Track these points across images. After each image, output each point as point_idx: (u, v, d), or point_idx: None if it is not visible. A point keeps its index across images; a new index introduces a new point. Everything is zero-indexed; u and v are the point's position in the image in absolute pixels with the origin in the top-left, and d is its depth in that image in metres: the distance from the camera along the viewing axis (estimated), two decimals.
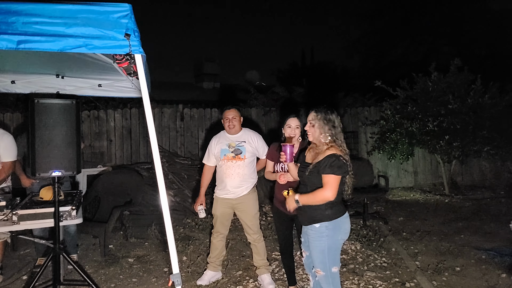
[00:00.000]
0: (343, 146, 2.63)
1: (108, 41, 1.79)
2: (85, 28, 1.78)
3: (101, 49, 1.79)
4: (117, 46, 1.80)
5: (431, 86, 7.38)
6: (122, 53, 1.82)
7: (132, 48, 1.80)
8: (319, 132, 2.63)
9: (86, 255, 4.61)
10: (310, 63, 17.49)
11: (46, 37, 1.74)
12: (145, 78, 2.93)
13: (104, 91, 4.30)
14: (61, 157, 3.02)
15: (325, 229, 2.60)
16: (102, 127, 7.45)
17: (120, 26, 1.80)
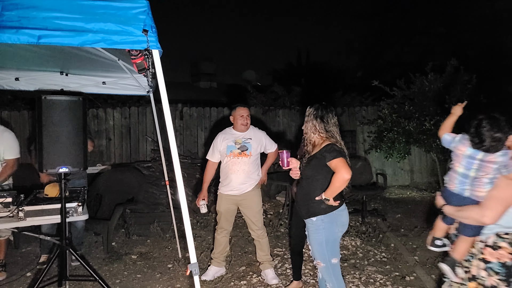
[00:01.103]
0: (338, 139, 2.74)
1: (126, 37, 1.83)
2: (104, 24, 1.82)
3: (120, 44, 1.83)
4: (135, 41, 1.84)
5: (428, 86, 7.48)
6: (140, 48, 1.86)
7: (150, 43, 1.85)
8: (314, 128, 2.75)
9: (89, 252, 4.63)
10: (306, 63, 17.58)
11: (66, 32, 1.78)
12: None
13: (108, 88, 4.34)
14: (68, 154, 3.05)
15: (321, 222, 2.69)
16: (101, 125, 7.46)
17: (138, 22, 1.84)
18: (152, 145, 7.55)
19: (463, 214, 1.95)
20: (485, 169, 1.92)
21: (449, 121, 2.30)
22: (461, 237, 2.01)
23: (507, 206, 1.87)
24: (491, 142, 1.89)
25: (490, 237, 1.96)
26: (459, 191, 2.00)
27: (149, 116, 7.70)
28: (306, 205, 2.77)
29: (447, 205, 2.06)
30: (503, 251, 1.93)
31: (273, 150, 3.92)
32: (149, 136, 7.65)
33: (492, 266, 1.94)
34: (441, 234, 2.23)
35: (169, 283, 3.84)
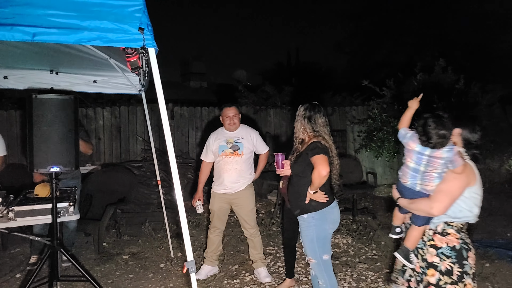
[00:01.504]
0: (326, 138, 2.81)
1: (122, 35, 1.82)
2: (99, 21, 1.81)
3: (115, 42, 1.82)
4: (131, 39, 1.83)
5: (417, 86, 7.59)
6: (136, 46, 1.86)
7: (146, 42, 1.84)
8: (303, 128, 2.84)
9: (79, 253, 4.59)
10: (296, 63, 17.66)
11: (61, 30, 1.76)
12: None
13: (99, 87, 4.30)
14: (60, 153, 3.02)
15: (312, 219, 2.77)
16: (91, 125, 7.37)
17: (134, 20, 1.83)
18: (143, 145, 7.51)
19: (414, 206, 2.09)
20: (433, 164, 2.04)
21: (407, 115, 2.36)
22: (412, 227, 2.15)
23: (453, 199, 2.02)
24: (437, 139, 2.00)
25: (439, 225, 2.11)
26: (411, 185, 2.12)
27: (139, 116, 7.64)
28: (297, 203, 2.84)
29: (401, 198, 2.19)
30: (451, 237, 2.08)
31: (263, 152, 3.91)
32: (139, 135, 7.60)
33: (442, 251, 2.08)
34: (399, 223, 2.38)
35: (162, 282, 3.83)
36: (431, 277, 2.09)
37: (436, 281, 2.07)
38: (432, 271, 2.09)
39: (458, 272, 2.05)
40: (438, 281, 2.07)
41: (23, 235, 3.68)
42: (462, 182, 2.03)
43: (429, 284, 2.10)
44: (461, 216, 2.09)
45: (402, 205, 2.18)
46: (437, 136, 2.00)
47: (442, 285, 2.06)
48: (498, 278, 3.80)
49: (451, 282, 2.05)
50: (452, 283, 2.05)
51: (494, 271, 3.92)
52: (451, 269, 2.05)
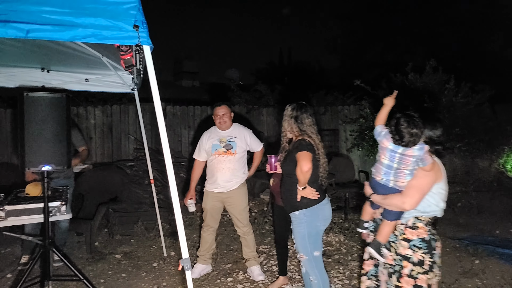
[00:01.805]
0: (313, 137, 2.87)
1: (117, 32, 1.81)
2: (94, 18, 1.80)
3: (110, 39, 1.82)
4: (126, 37, 1.83)
5: (408, 85, 7.67)
6: (131, 44, 1.85)
7: (141, 39, 1.84)
8: (290, 127, 2.91)
9: (71, 253, 4.55)
10: (288, 62, 17.70)
11: (55, 27, 1.75)
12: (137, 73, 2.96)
13: (91, 85, 4.27)
14: (51, 152, 2.99)
15: (303, 216, 2.83)
16: (82, 124, 7.31)
17: (129, 17, 1.83)
18: (135, 144, 7.47)
19: (387, 202, 2.18)
20: (405, 162, 2.14)
21: (383, 112, 2.43)
22: (384, 222, 2.23)
23: (423, 194, 2.13)
24: (409, 138, 2.10)
25: (410, 220, 2.21)
26: (384, 181, 2.21)
27: (131, 115, 7.60)
28: (289, 200, 2.91)
29: (374, 194, 2.27)
30: (420, 230, 2.19)
31: (258, 150, 3.94)
32: (131, 134, 7.56)
33: (414, 243, 2.18)
34: (368, 218, 2.45)
35: (155, 281, 3.82)
36: (404, 269, 2.19)
37: (409, 271, 2.17)
38: (405, 263, 2.19)
39: (429, 262, 2.16)
40: (410, 272, 2.17)
41: (14, 234, 3.65)
42: (431, 179, 2.15)
43: (402, 275, 2.19)
44: (430, 211, 2.20)
45: (375, 201, 2.25)
46: (409, 135, 2.09)
47: (414, 275, 2.17)
48: (487, 274, 3.87)
49: (423, 272, 2.16)
50: (424, 273, 2.16)
51: (483, 268, 3.99)
52: (422, 260, 2.16)
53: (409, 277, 2.16)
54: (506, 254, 4.32)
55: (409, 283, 2.15)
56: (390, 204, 2.16)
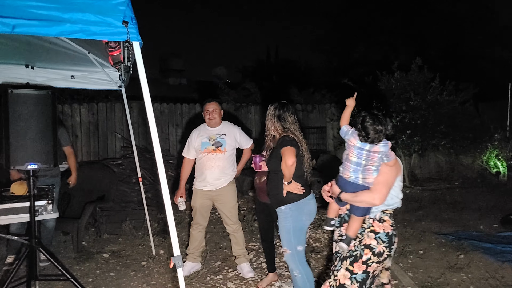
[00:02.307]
0: (296, 134, 2.98)
1: (106, 28, 1.79)
2: (82, 14, 1.77)
3: (99, 35, 1.79)
4: (115, 33, 1.81)
5: (394, 83, 7.77)
6: (120, 40, 1.83)
7: (130, 35, 1.82)
8: (273, 126, 3.00)
9: (58, 252, 4.49)
10: (275, 60, 17.73)
11: (42, 22, 1.71)
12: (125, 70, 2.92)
13: (78, 82, 4.21)
14: (37, 150, 2.95)
15: (289, 211, 2.91)
16: (67, 122, 7.20)
17: (118, 13, 1.80)
18: (122, 142, 7.39)
19: (358, 199, 2.26)
20: (372, 158, 2.22)
21: (346, 112, 2.49)
22: (353, 217, 2.32)
23: (390, 188, 2.26)
24: (374, 135, 2.18)
25: (377, 214, 2.33)
26: (353, 179, 2.28)
27: (118, 113, 7.52)
28: (275, 196, 2.98)
29: (344, 192, 2.32)
30: (386, 224, 2.32)
31: (248, 146, 3.94)
32: (118, 133, 7.48)
33: (380, 236, 2.30)
34: (334, 215, 2.53)
35: (144, 280, 3.79)
36: (363, 256, 2.30)
37: (366, 259, 2.29)
38: (367, 251, 2.30)
39: (385, 255, 2.31)
40: (367, 260, 2.29)
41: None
42: (394, 173, 2.28)
43: (358, 261, 2.31)
44: (393, 203, 2.34)
45: (345, 199, 2.31)
46: (374, 132, 2.18)
47: (369, 263, 2.29)
48: (472, 268, 3.95)
49: (377, 262, 2.30)
50: (377, 262, 2.30)
51: (468, 262, 4.07)
52: (382, 252, 2.29)
53: (363, 264, 2.29)
54: (490, 249, 4.41)
55: (361, 269, 2.28)
56: (361, 201, 2.24)
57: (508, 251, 4.30)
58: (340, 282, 2.31)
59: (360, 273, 2.29)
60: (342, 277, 2.32)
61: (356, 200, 2.26)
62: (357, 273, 2.29)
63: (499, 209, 6.13)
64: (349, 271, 2.30)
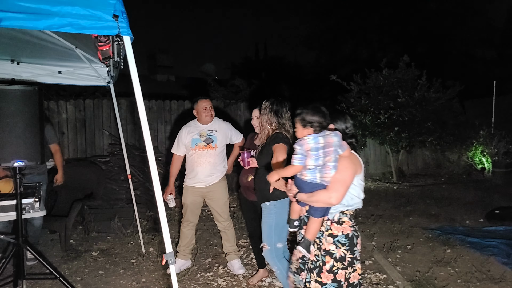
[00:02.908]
0: (290, 131, 2.98)
1: (96, 21, 1.75)
2: (71, 7, 1.73)
3: (89, 29, 1.76)
4: (105, 27, 1.77)
5: (382, 81, 7.84)
6: (110, 34, 1.80)
7: (121, 29, 1.79)
8: (269, 121, 3.02)
9: (45, 251, 4.42)
10: (264, 57, 17.72)
11: (30, 15, 1.67)
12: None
13: (65, 78, 4.13)
14: (24, 147, 2.90)
15: (273, 207, 2.95)
16: (53, 118, 7.07)
17: (108, 7, 1.77)
18: (109, 139, 7.30)
19: (314, 199, 2.15)
20: (328, 152, 2.12)
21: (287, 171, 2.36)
22: (311, 219, 2.23)
23: (347, 187, 2.15)
24: (317, 119, 2.14)
25: (336, 215, 2.23)
26: (311, 179, 2.18)
27: (105, 109, 7.42)
28: (262, 192, 2.99)
29: (300, 193, 2.23)
30: (345, 225, 2.22)
31: (239, 141, 3.94)
32: (106, 129, 7.38)
33: (338, 239, 2.20)
34: (296, 216, 2.43)
35: (134, 278, 3.76)
36: (326, 264, 2.21)
37: (329, 267, 2.20)
38: (328, 258, 2.20)
39: (349, 258, 2.21)
40: (331, 267, 2.19)
41: None
42: (352, 171, 2.17)
43: (323, 270, 2.22)
44: (353, 203, 2.24)
45: (301, 200, 2.22)
46: (318, 117, 2.14)
47: (334, 271, 2.19)
48: (459, 262, 4.02)
49: (343, 267, 2.20)
50: (343, 268, 2.20)
51: (455, 257, 4.14)
52: (344, 256, 2.19)
53: (329, 272, 2.19)
54: (476, 243, 4.50)
55: (329, 278, 2.19)
56: (318, 200, 2.14)
57: (494, 245, 4.39)
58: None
59: (330, 283, 2.19)
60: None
61: (312, 200, 2.15)
62: (327, 283, 2.19)
63: (484, 204, 6.25)
64: (319, 283, 2.22)
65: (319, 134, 2.13)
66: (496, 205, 6.05)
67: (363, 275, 3.79)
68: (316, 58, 18.33)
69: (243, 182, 3.47)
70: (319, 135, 2.12)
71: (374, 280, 3.68)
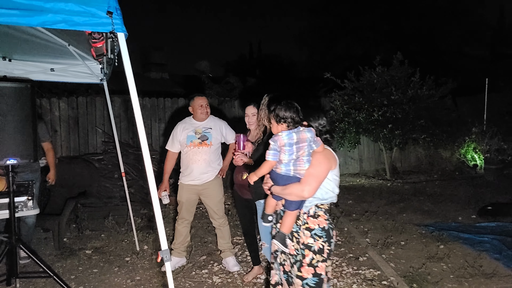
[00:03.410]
0: None
1: (90, 18, 1.74)
2: (64, 4, 1.72)
3: (82, 26, 1.74)
4: (99, 23, 1.76)
5: (376, 78, 7.87)
6: (105, 31, 1.79)
7: (115, 26, 1.78)
8: (267, 116, 2.97)
9: (38, 249, 4.39)
10: (258, 55, 17.71)
11: (23, 11, 1.65)
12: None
13: (57, 75, 4.10)
14: (16, 144, 2.87)
15: None
16: (46, 116, 7.01)
17: (102, 3, 1.76)
18: (103, 137, 7.25)
19: (288, 192, 2.18)
20: (302, 146, 2.16)
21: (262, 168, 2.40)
22: (287, 213, 2.27)
23: (320, 181, 2.20)
24: (292, 114, 2.17)
25: (311, 208, 2.26)
26: (285, 171, 2.21)
27: (99, 107, 7.37)
28: (257, 189, 2.96)
29: (275, 186, 2.27)
30: (321, 218, 2.25)
31: (233, 141, 3.92)
32: (99, 127, 7.34)
33: (315, 232, 2.24)
34: (271, 211, 2.45)
35: (128, 276, 3.75)
36: (306, 258, 2.23)
37: (309, 260, 2.22)
38: (307, 251, 2.23)
39: (327, 250, 2.25)
40: (311, 260, 2.22)
41: None
42: (326, 166, 2.21)
43: (303, 264, 2.25)
44: (327, 197, 2.28)
45: (276, 193, 2.26)
46: (291, 113, 2.17)
47: (314, 264, 2.22)
48: (452, 258, 4.06)
49: (322, 260, 2.23)
50: (323, 261, 2.23)
51: (448, 252, 4.19)
52: (322, 248, 2.22)
53: (309, 266, 2.22)
54: (468, 239, 4.54)
55: (309, 272, 2.22)
56: (291, 193, 2.17)
57: (486, 241, 4.44)
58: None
59: (310, 277, 2.22)
60: (297, 286, 2.25)
61: (286, 192, 2.19)
62: (307, 277, 2.22)
63: (477, 200, 6.31)
64: (299, 278, 2.24)
65: (292, 130, 2.17)
66: (488, 201, 6.12)
67: (357, 271, 3.82)
68: (310, 55, 18.36)
69: (238, 180, 3.46)
70: (292, 131, 2.17)
71: (368, 276, 3.71)
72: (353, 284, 3.54)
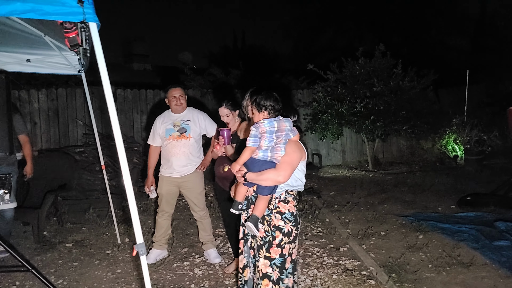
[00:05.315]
0: None
1: (60, 7, 1.69)
2: None
3: (52, 15, 1.69)
4: (70, 12, 1.71)
5: (358, 70, 7.92)
6: (75, 20, 1.74)
7: (86, 15, 1.73)
8: (250, 111, 2.93)
9: (17, 243, 4.32)
10: (242, 46, 17.59)
11: None
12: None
13: (34, 67, 3.99)
14: None
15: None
16: (24, 108, 6.87)
17: None
18: (84, 129, 7.14)
19: (263, 177, 2.31)
20: (280, 136, 2.32)
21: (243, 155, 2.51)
22: (260, 197, 2.40)
23: (294, 168, 2.37)
24: (272, 103, 2.34)
25: (282, 193, 2.44)
26: (262, 157, 2.34)
27: (79, 98, 7.23)
28: None
29: (250, 172, 2.38)
30: (290, 204, 2.44)
31: (214, 133, 3.89)
32: (79, 119, 7.21)
33: (286, 216, 2.42)
34: (242, 199, 2.55)
35: (109, 269, 3.73)
36: (276, 239, 2.39)
37: (278, 241, 2.39)
38: (278, 233, 2.39)
39: (294, 234, 2.43)
40: (280, 242, 2.39)
41: None
42: (298, 155, 2.39)
43: (272, 245, 2.40)
44: (297, 185, 2.47)
45: (251, 179, 2.36)
46: (271, 101, 2.33)
47: (282, 245, 2.39)
48: (430, 248, 4.15)
49: (288, 242, 2.40)
50: (289, 243, 2.41)
51: (426, 242, 4.27)
52: (291, 231, 2.41)
53: (277, 247, 2.38)
54: (447, 229, 4.64)
55: (277, 253, 2.38)
56: (267, 179, 2.30)
57: (464, 230, 4.54)
58: (263, 272, 2.39)
59: (277, 258, 2.37)
60: (263, 267, 2.39)
61: (262, 178, 2.31)
62: (275, 258, 2.37)
63: (456, 191, 6.43)
64: (267, 259, 2.39)
65: (273, 119, 2.33)
66: (468, 191, 6.22)
67: (338, 261, 3.87)
68: (294, 47, 18.33)
69: (219, 172, 3.45)
70: (273, 119, 2.33)
71: (348, 266, 3.77)
72: (333, 274, 3.59)
